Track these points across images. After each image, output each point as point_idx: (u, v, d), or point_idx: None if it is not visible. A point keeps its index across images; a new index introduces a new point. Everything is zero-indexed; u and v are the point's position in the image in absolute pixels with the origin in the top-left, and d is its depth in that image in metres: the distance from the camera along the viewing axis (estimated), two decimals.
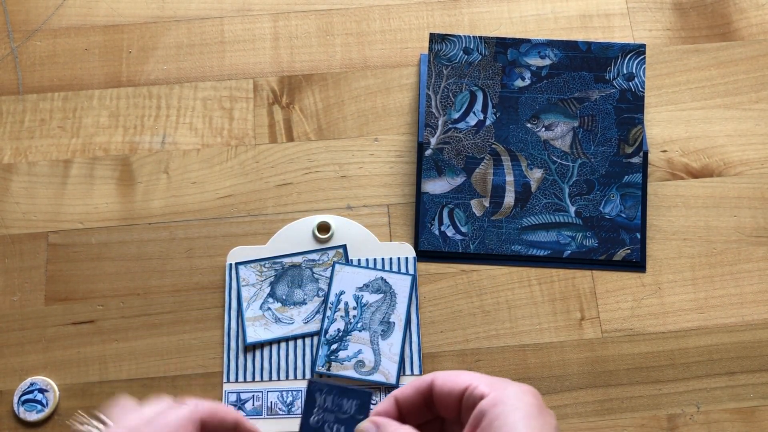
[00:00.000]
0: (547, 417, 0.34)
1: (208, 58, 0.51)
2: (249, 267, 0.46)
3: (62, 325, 0.46)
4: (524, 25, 0.52)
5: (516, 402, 0.33)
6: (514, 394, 0.34)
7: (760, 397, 0.45)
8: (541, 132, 0.48)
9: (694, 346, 0.46)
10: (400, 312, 0.45)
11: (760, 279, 0.47)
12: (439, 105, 0.48)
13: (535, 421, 0.33)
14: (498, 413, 0.33)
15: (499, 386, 0.35)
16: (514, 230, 0.47)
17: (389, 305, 0.45)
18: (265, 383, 0.44)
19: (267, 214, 0.48)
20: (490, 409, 0.34)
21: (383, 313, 0.45)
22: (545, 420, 0.34)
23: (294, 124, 0.50)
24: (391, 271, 0.46)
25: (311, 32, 0.52)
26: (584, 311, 0.46)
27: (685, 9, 0.52)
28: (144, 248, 0.47)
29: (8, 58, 0.51)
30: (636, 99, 0.48)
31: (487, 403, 0.34)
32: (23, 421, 0.44)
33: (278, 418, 0.43)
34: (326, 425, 0.39)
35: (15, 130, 0.49)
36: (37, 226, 0.47)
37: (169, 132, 0.49)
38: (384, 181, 0.49)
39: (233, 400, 0.44)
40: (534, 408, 0.34)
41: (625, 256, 0.47)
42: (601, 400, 0.45)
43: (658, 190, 0.48)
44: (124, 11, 0.52)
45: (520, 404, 0.33)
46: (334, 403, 0.39)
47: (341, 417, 0.39)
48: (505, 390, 0.34)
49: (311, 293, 0.46)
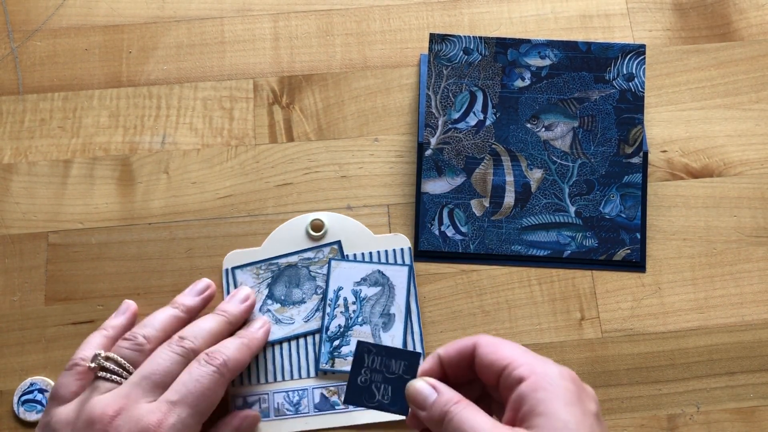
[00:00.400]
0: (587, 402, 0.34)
1: (208, 58, 0.51)
2: (245, 270, 0.46)
3: (62, 325, 0.46)
4: (524, 25, 0.52)
5: (556, 389, 0.33)
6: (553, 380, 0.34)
7: (760, 397, 0.45)
8: (541, 132, 0.48)
9: (694, 346, 0.46)
10: (400, 303, 0.45)
11: (760, 279, 0.47)
12: (439, 105, 0.48)
13: (575, 408, 0.33)
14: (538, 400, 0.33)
15: (540, 369, 0.34)
16: (514, 230, 0.47)
17: (388, 297, 0.46)
18: (270, 385, 0.44)
19: (267, 214, 0.48)
20: (529, 394, 0.33)
21: (383, 305, 0.45)
22: (585, 407, 0.33)
23: (294, 124, 0.50)
24: (387, 263, 0.46)
25: (311, 32, 0.52)
26: (584, 311, 0.46)
27: (685, 9, 0.52)
28: (144, 248, 0.47)
29: (8, 58, 0.51)
30: (636, 99, 0.48)
31: (527, 387, 0.34)
32: (23, 421, 0.44)
33: (286, 418, 0.43)
34: (373, 385, 0.39)
35: (15, 130, 0.49)
36: (37, 226, 0.47)
37: (169, 132, 0.49)
38: (384, 181, 0.49)
39: (240, 405, 0.44)
40: (574, 395, 0.33)
41: (625, 256, 0.47)
42: (601, 400, 0.45)
43: (658, 190, 0.48)
44: (124, 11, 0.52)
45: (560, 391, 0.33)
46: (382, 363, 0.39)
47: (389, 377, 0.39)
48: (545, 375, 0.34)
49: (309, 292, 0.46)
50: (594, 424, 0.33)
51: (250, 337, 0.42)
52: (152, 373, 0.37)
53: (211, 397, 0.37)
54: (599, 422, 0.34)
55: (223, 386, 0.38)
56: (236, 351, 0.40)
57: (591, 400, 0.35)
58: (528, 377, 0.34)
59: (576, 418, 0.33)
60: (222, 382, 0.38)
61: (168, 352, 0.38)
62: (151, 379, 0.37)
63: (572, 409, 0.33)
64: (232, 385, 0.44)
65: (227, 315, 0.42)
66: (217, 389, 0.38)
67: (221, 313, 0.42)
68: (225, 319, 0.42)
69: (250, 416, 0.42)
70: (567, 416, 0.33)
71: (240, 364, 0.40)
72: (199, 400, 0.36)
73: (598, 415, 0.34)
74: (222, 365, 0.38)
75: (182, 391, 0.36)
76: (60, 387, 0.39)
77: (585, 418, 0.33)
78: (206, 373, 0.37)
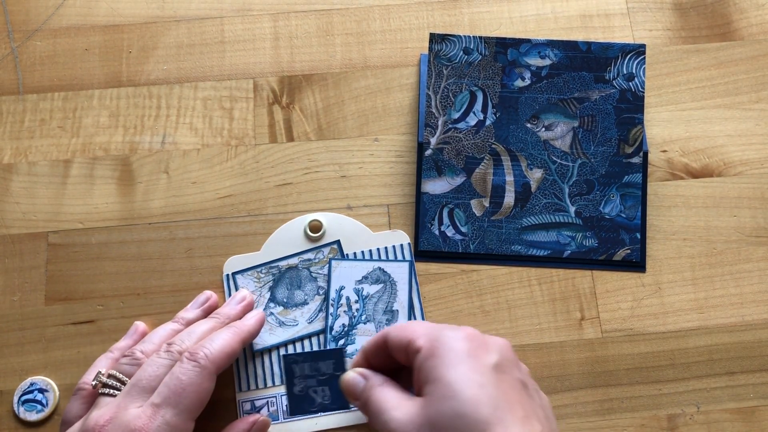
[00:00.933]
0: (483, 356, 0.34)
1: (208, 58, 0.51)
2: (246, 275, 0.46)
3: (62, 325, 0.46)
4: (524, 25, 0.52)
5: (447, 352, 0.34)
6: (445, 344, 0.35)
7: (760, 397, 0.45)
8: (541, 132, 0.48)
9: (694, 346, 0.46)
10: (402, 299, 0.45)
11: (760, 279, 0.47)
12: (439, 105, 0.48)
13: (462, 366, 0.34)
14: (430, 367, 0.34)
15: (434, 336, 0.36)
16: (514, 230, 0.47)
17: (390, 294, 0.46)
18: (278, 388, 0.44)
19: (267, 214, 0.48)
20: (424, 363, 0.35)
21: (385, 302, 0.45)
22: (477, 363, 0.34)
23: (294, 124, 0.50)
24: (387, 260, 0.46)
25: (311, 32, 0.52)
26: (584, 311, 0.46)
27: (685, 9, 0.52)
28: (144, 248, 0.47)
29: (8, 58, 0.51)
30: (636, 99, 0.48)
31: (421, 357, 0.35)
32: (23, 421, 0.44)
33: (295, 420, 0.43)
34: (310, 390, 0.41)
35: (15, 130, 0.49)
36: (37, 226, 0.47)
37: (169, 132, 0.49)
38: (384, 181, 0.49)
39: (248, 409, 0.44)
40: (464, 353, 0.34)
41: (625, 256, 0.47)
42: (601, 400, 0.45)
43: (658, 190, 0.48)
44: (124, 11, 0.52)
45: (450, 353, 0.34)
46: (311, 368, 0.42)
47: (322, 379, 0.42)
48: (437, 341, 0.35)
49: (311, 292, 0.46)
50: (489, 376, 0.34)
51: (239, 325, 0.41)
52: (140, 380, 0.37)
53: (196, 392, 0.37)
54: (499, 372, 0.34)
55: (208, 379, 0.37)
56: (221, 341, 0.39)
57: (492, 352, 0.35)
58: (423, 346, 0.35)
59: (464, 377, 0.33)
60: (205, 374, 0.37)
61: (155, 358, 0.38)
62: (138, 386, 0.37)
63: (460, 368, 0.34)
64: (240, 390, 0.44)
65: (221, 316, 0.42)
66: (201, 383, 0.37)
67: (215, 316, 0.43)
68: (219, 321, 0.42)
69: (259, 420, 0.41)
70: (453, 377, 0.33)
71: (226, 354, 0.39)
72: (181, 398, 0.36)
73: (499, 365, 0.34)
74: (203, 358, 0.37)
75: (164, 392, 0.36)
76: (67, 412, 0.39)
77: (474, 375, 0.33)
78: (186, 369, 0.37)
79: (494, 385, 0.33)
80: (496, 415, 0.32)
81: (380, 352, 0.39)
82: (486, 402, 0.32)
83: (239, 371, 0.44)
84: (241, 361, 0.44)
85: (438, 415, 0.32)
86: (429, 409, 0.33)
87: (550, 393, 0.45)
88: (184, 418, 0.36)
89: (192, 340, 0.40)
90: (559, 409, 0.44)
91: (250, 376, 0.44)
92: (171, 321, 0.43)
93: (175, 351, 0.39)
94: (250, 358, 0.44)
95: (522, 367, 0.37)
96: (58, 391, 0.44)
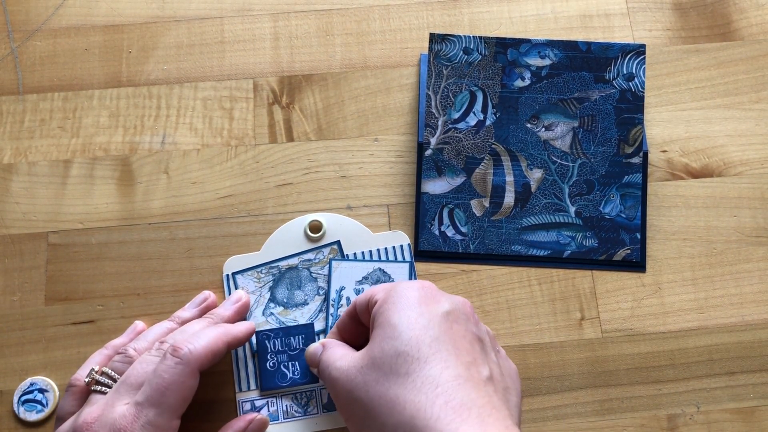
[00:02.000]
0: (431, 305, 0.35)
1: (208, 58, 0.51)
2: (246, 275, 0.46)
3: (62, 325, 0.46)
4: (524, 25, 0.52)
5: (398, 300, 0.35)
6: (397, 293, 0.36)
7: (760, 397, 0.45)
8: (541, 132, 0.48)
9: (694, 346, 0.46)
10: None
11: (760, 279, 0.47)
12: (439, 105, 0.48)
13: (409, 311, 0.34)
14: (382, 312, 0.35)
15: (390, 287, 0.37)
16: (514, 230, 0.47)
17: None
18: (278, 388, 0.44)
19: (267, 214, 0.48)
20: (377, 310, 0.36)
21: None
22: (425, 309, 0.35)
23: (294, 124, 0.50)
24: (387, 261, 0.46)
25: (311, 32, 0.52)
26: (584, 311, 0.46)
27: (685, 9, 0.52)
28: (144, 248, 0.47)
29: (8, 58, 0.51)
30: (636, 99, 0.48)
31: (377, 308, 0.36)
32: (23, 421, 0.44)
33: (295, 420, 0.43)
34: (281, 365, 0.43)
35: (15, 130, 0.49)
36: (37, 226, 0.47)
37: (169, 132, 0.49)
38: (384, 181, 0.49)
39: (248, 409, 0.44)
40: (413, 300, 0.35)
41: (625, 256, 0.47)
42: (601, 400, 0.45)
43: (658, 190, 0.48)
44: (124, 11, 0.52)
45: (401, 300, 0.35)
46: (283, 344, 0.43)
47: (292, 354, 0.43)
48: (392, 291, 0.36)
49: (312, 293, 0.46)
50: (435, 321, 0.34)
51: (227, 327, 0.41)
52: (128, 377, 0.37)
53: (179, 390, 0.36)
54: (449, 321, 0.34)
55: (190, 376, 0.37)
56: (206, 339, 0.38)
57: (443, 303, 0.35)
58: (380, 298, 0.37)
59: (407, 321, 0.34)
60: (188, 371, 0.37)
61: (146, 356, 0.38)
62: (126, 383, 0.37)
63: (406, 313, 0.34)
64: (239, 390, 0.44)
65: (215, 317, 0.43)
66: (184, 380, 0.37)
67: (209, 316, 0.43)
68: (212, 321, 0.42)
69: (256, 419, 0.41)
70: (398, 319, 0.34)
71: (210, 351, 0.38)
72: (164, 396, 0.36)
73: (450, 314, 0.35)
74: (186, 354, 0.37)
75: (147, 391, 0.36)
76: (60, 409, 0.40)
77: (419, 318, 0.34)
78: (168, 367, 0.37)
79: (440, 329, 0.33)
80: (438, 355, 0.32)
81: (352, 321, 0.40)
82: (428, 342, 0.33)
83: (239, 371, 0.44)
84: (241, 361, 0.44)
85: (381, 353, 0.33)
86: (372, 350, 0.34)
87: (550, 393, 0.45)
88: (167, 418, 0.36)
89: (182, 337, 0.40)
90: (559, 409, 0.44)
91: (250, 376, 0.44)
92: (167, 320, 0.43)
93: (165, 349, 0.39)
94: (250, 358, 0.44)
95: (481, 327, 0.37)
96: (58, 391, 0.44)
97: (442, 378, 0.31)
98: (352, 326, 0.40)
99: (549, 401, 0.45)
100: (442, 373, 0.32)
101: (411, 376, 0.32)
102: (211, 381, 0.44)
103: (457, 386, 0.31)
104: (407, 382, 0.31)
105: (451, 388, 0.31)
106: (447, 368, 0.32)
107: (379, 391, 0.32)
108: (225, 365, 0.44)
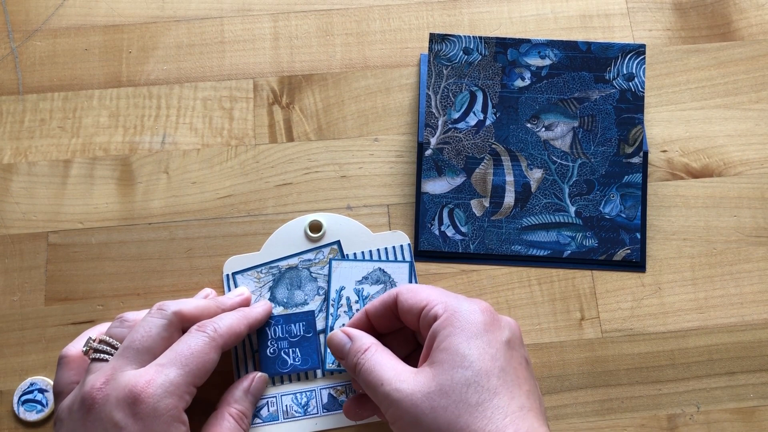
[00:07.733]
0: (496, 332, 0.36)
1: (208, 58, 0.51)
2: (246, 275, 0.46)
3: (62, 325, 0.46)
4: (524, 25, 0.52)
5: (463, 324, 0.36)
6: (462, 315, 0.36)
7: (760, 397, 0.45)
8: (541, 132, 0.48)
9: (694, 346, 0.46)
10: None
11: (760, 279, 0.47)
12: (439, 105, 0.48)
13: (477, 340, 0.35)
14: (444, 336, 0.36)
15: (452, 305, 0.37)
16: (514, 230, 0.47)
17: None
18: (278, 387, 0.44)
19: (267, 214, 0.48)
20: (440, 332, 0.36)
21: None
22: (491, 337, 0.36)
23: (294, 124, 0.50)
24: (387, 261, 0.46)
25: (311, 32, 0.52)
26: (584, 311, 0.46)
27: (685, 9, 0.52)
28: (144, 248, 0.47)
29: (8, 58, 0.51)
30: (636, 99, 0.48)
31: (438, 325, 0.36)
32: (23, 421, 0.44)
33: (295, 420, 0.43)
34: (282, 352, 0.43)
35: (15, 130, 0.49)
36: (37, 226, 0.47)
37: (169, 132, 0.49)
38: (384, 181, 0.49)
39: None
40: (479, 326, 0.36)
41: (625, 256, 0.47)
42: (601, 400, 0.45)
43: (658, 190, 0.48)
44: (124, 11, 0.52)
45: (466, 325, 0.36)
46: (283, 330, 0.43)
47: (293, 340, 0.43)
48: (455, 311, 0.37)
49: (312, 293, 0.46)
50: (501, 351, 0.35)
51: (246, 310, 0.42)
52: (133, 341, 0.37)
53: (203, 359, 0.37)
54: (510, 349, 0.36)
55: (215, 350, 0.38)
56: (229, 320, 0.39)
57: (504, 329, 0.37)
58: (441, 314, 0.37)
59: (477, 351, 0.35)
60: (214, 345, 0.37)
61: (148, 318, 0.38)
62: (132, 347, 0.37)
63: (475, 342, 0.35)
64: None
65: (217, 300, 0.42)
66: (209, 351, 0.37)
67: (211, 299, 0.43)
68: (213, 302, 0.42)
69: (257, 377, 0.42)
70: (467, 350, 0.35)
71: (233, 332, 0.39)
72: (189, 360, 0.36)
73: (510, 342, 0.36)
74: (212, 331, 0.38)
75: (170, 354, 0.36)
76: (58, 383, 0.39)
77: (488, 348, 0.35)
78: (195, 337, 0.37)
79: (505, 360, 0.35)
80: (505, 387, 0.34)
81: (387, 312, 0.40)
82: (496, 374, 0.34)
83: (239, 371, 0.44)
84: (241, 361, 0.44)
85: (450, 382, 0.34)
86: (441, 377, 0.34)
87: (550, 393, 0.45)
88: (188, 381, 0.36)
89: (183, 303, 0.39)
90: (559, 409, 0.44)
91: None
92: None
93: (170, 311, 0.38)
94: (250, 358, 0.44)
95: (524, 345, 0.39)
96: None
97: (510, 408, 0.33)
98: (385, 317, 0.40)
99: (549, 401, 0.45)
100: (509, 403, 0.34)
101: (482, 406, 0.33)
102: (211, 381, 0.44)
103: (523, 417, 0.33)
104: (476, 412, 0.33)
105: (518, 418, 0.33)
106: (513, 398, 0.34)
107: (448, 418, 0.33)
108: (225, 365, 0.44)
